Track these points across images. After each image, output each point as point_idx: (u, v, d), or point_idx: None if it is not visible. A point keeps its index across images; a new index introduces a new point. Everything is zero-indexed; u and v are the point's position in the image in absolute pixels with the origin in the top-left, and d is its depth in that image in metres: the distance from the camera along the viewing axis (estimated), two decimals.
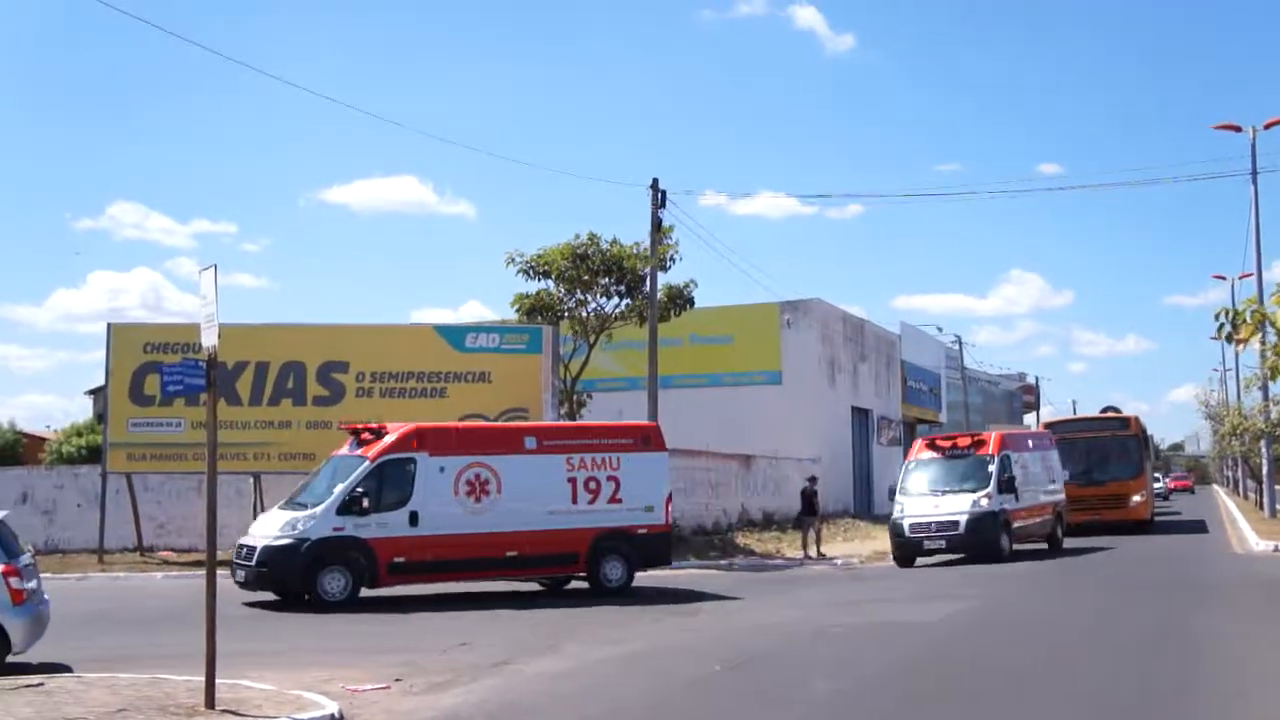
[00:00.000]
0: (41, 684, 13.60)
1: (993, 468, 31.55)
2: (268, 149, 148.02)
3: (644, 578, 25.23)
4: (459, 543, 23.76)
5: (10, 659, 14.80)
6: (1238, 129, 45.95)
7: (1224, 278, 59.16)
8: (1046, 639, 16.95)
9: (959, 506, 30.85)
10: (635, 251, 37.57)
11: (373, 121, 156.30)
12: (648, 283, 37.30)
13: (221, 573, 24.60)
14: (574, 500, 24.89)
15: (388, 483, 23.89)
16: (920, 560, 30.74)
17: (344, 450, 25.11)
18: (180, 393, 30.13)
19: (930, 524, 30.68)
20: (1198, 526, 46.31)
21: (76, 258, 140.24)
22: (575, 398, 39.78)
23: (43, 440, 59.37)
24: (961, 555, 30.59)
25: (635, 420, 35.04)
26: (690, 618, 20.56)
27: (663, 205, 36.60)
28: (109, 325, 34.34)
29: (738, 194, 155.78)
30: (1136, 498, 41.24)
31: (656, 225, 36.50)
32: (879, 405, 61.19)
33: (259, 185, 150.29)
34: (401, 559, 23.13)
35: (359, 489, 23.46)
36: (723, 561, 33.07)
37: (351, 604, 22.36)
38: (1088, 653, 15.36)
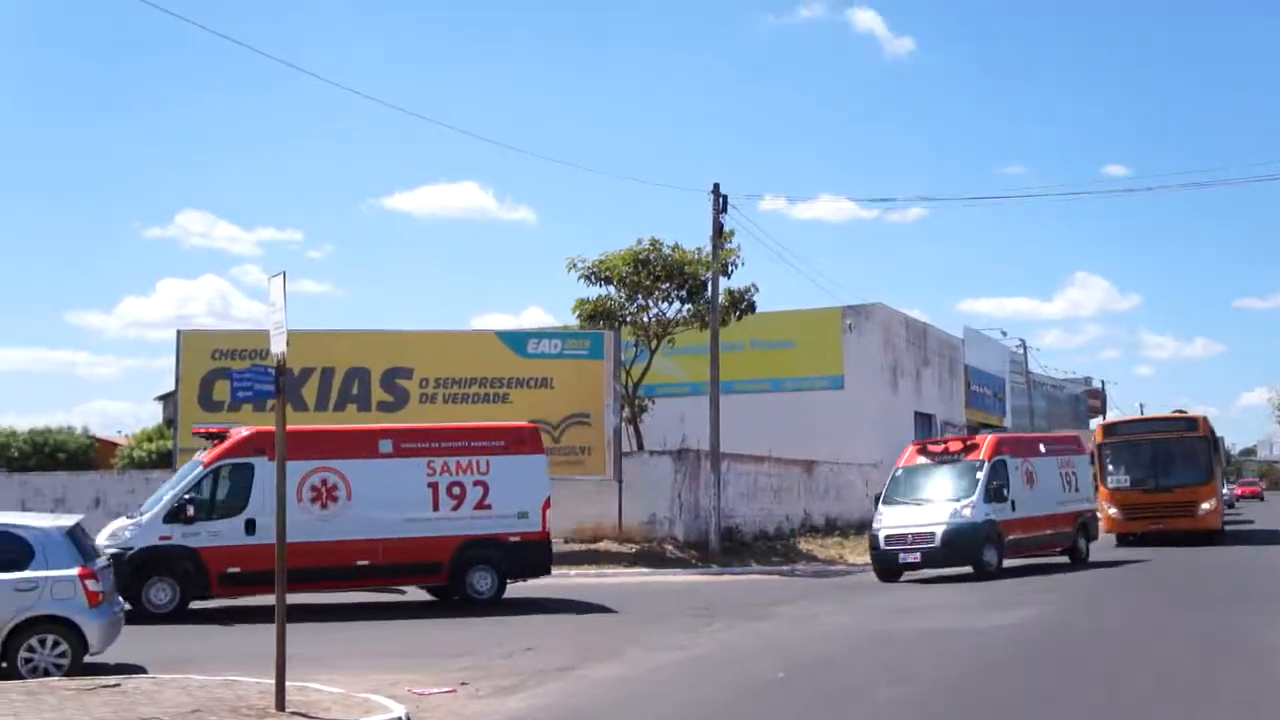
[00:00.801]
0: (118, 684, 13.80)
1: (980, 474, 28.63)
2: (331, 156, 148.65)
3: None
4: (302, 551, 20.96)
5: (87, 659, 15.06)
6: None
7: None
8: (1109, 647, 16.82)
9: (937, 516, 27.96)
10: (697, 256, 37.61)
11: (433, 128, 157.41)
12: (709, 288, 37.30)
13: None
14: (435, 507, 23.90)
15: (222, 489, 23.29)
16: (906, 575, 27.98)
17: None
18: (250, 399, 30.09)
19: (906, 535, 27.85)
20: (1274, 537, 40.90)
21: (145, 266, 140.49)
22: (636, 403, 39.83)
23: (114, 445, 60.03)
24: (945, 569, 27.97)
25: (698, 425, 35.13)
26: (758, 622, 20.43)
27: (724, 210, 36.57)
28: (179, 332, 34.70)
29: (798, 198, 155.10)
30: (1206, 505, 37.28)
31: (718, 230, 36.47)
32: (942, 410, 60.92)
33: (323, 192, 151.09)
34: (236, 569, 22.12)
35: (187, 495, 22.83)
36: (785, 567, 33.06)
37: (180, 616, 21.81)
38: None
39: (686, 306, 38.68)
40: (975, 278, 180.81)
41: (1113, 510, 37.74)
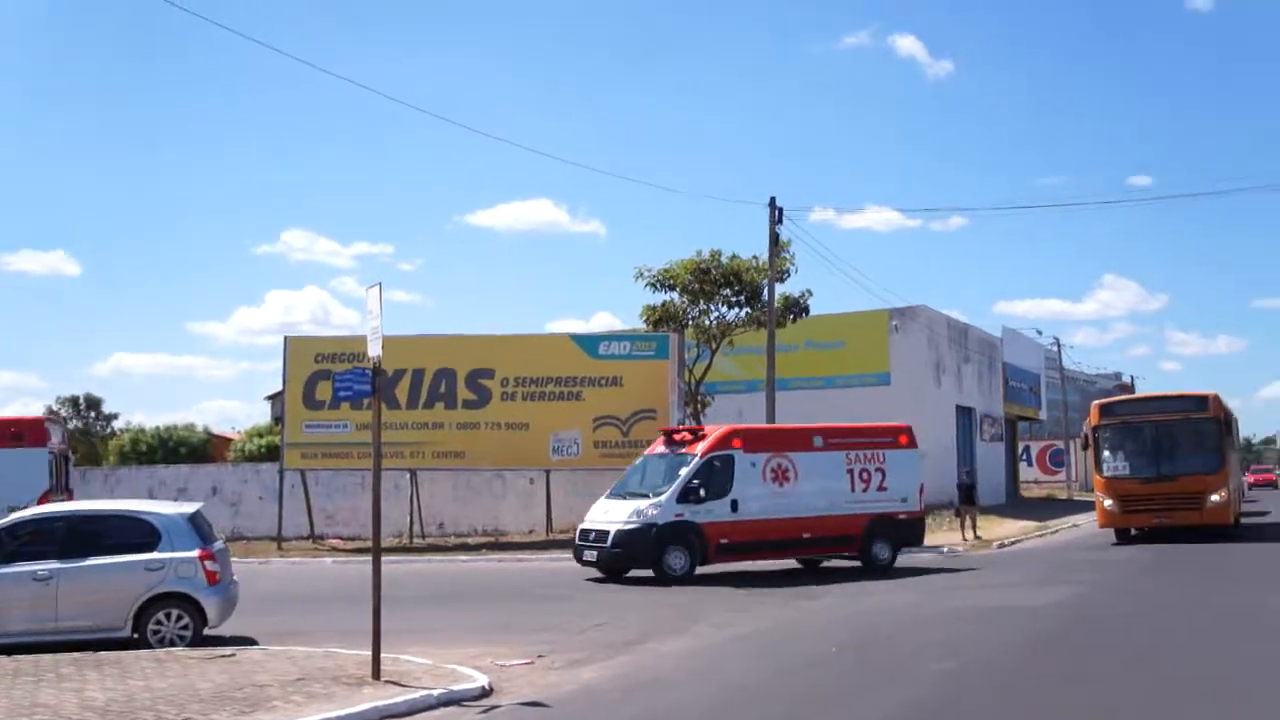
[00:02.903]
0: (233, 654, 14.06)
1: (685, 470, 24.47)
2: (419, 177, 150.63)
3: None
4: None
5: (206, 632, 15.41)
6: None
7: None
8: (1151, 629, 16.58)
9: (621, 515, 24.42)
10: (754, 264, 37.60)
11: (510, 148, 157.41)
12: (766, 293, 37.22)
13: (411, 557, 25.02)
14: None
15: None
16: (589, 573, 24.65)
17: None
18: (349, 398, 30.72)
19: (591, 532, 24.70)
20: None
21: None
22: (699, 399, 39.82)
23: (228, 440, 60.84)
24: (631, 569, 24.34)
25: (756, 419, 35.04)
26: (812, 600, 20.35)
27: (780, 221, 36.44)
28: (285, 338, 35.21)
29: (847, 208, 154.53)
30: (1216, 496, 30.06)
31: (774, 240, 36.35)
32: (982, 404, 60.34)
33: (412, 210, 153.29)
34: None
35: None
36: None
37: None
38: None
39: (745, 310, 38.64)
40: (1012, 281, 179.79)
41: (1108, 502, 31.29)
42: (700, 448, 25.03)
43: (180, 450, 55.61)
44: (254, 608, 17.98)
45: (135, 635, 15.17)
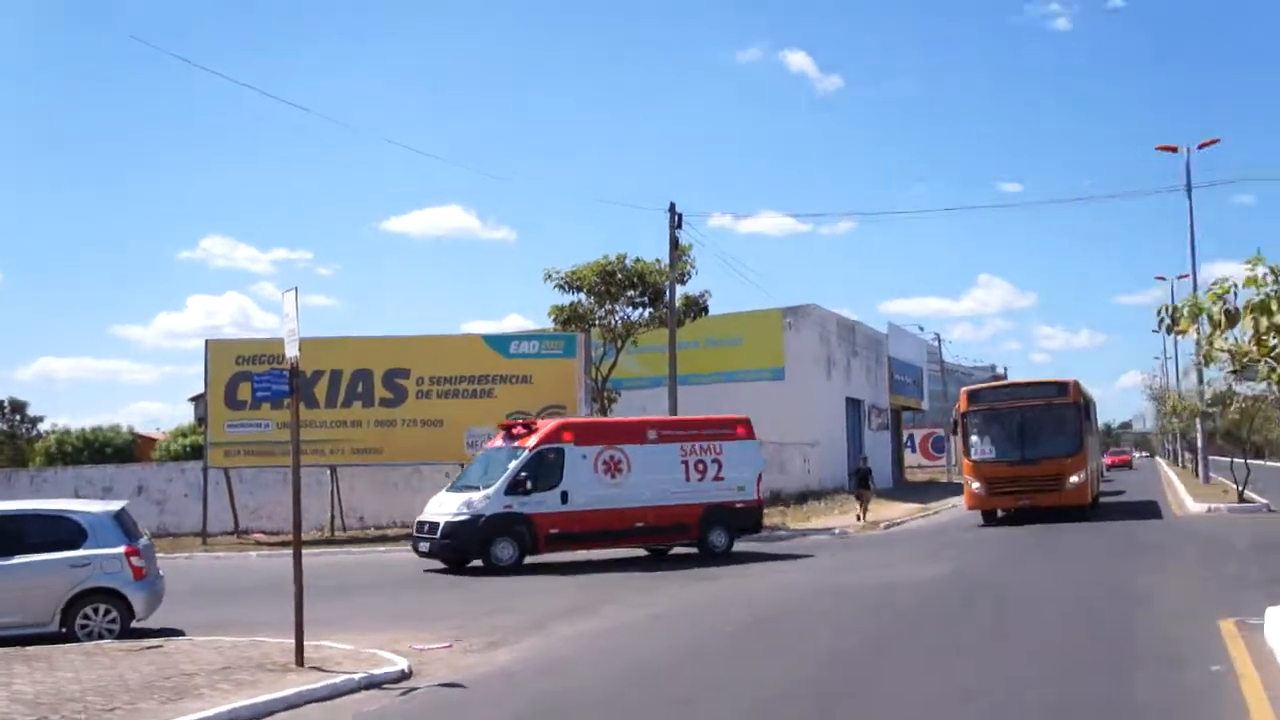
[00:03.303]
0: (160, 645, 13.94)
1: (514, 463, 24.18)
2: (336, 185, 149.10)
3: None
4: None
5: (134, 625, 15.27)
6: (1175, 150, 45.98)
7: (1164, 278, 59.33)
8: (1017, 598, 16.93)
9: (451, 507, 24.21)
10: (657, 267, 37.69)
11: (422, 158, 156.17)
12: (668, 294, 37.38)
13: (332, 549, 24.86)
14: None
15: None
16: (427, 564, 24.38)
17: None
18: (269, 398, 30.61)
19: (425, 524, 24.46)
20: (1142, 513, 34.09)
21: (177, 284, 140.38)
22: (605, 394, 39.89)
23: (153, 441, 59.98)
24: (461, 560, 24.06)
25: (659, 412, 35.19)
26: (710, 582, 20.46)
27: (680, 226, 36.67)
28: (206, 342, 34.77)
29: (743, 214, 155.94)
30: (1074, 478, 30.24)
31: (674, 244, 36.57)
32: (869, 395, 61.14)
33: (330, 217, 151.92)
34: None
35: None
36: None
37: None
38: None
39: (648, 310, 38.74)
40: (896, 281, 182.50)
41: (975, 485, 31.22)
42: (531, 441, 24.74)
43: (106, 451, 54.62)
44: (181, 601, 17.75)
45: (64, 630, 14.94)
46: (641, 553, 26.16)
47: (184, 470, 38.46)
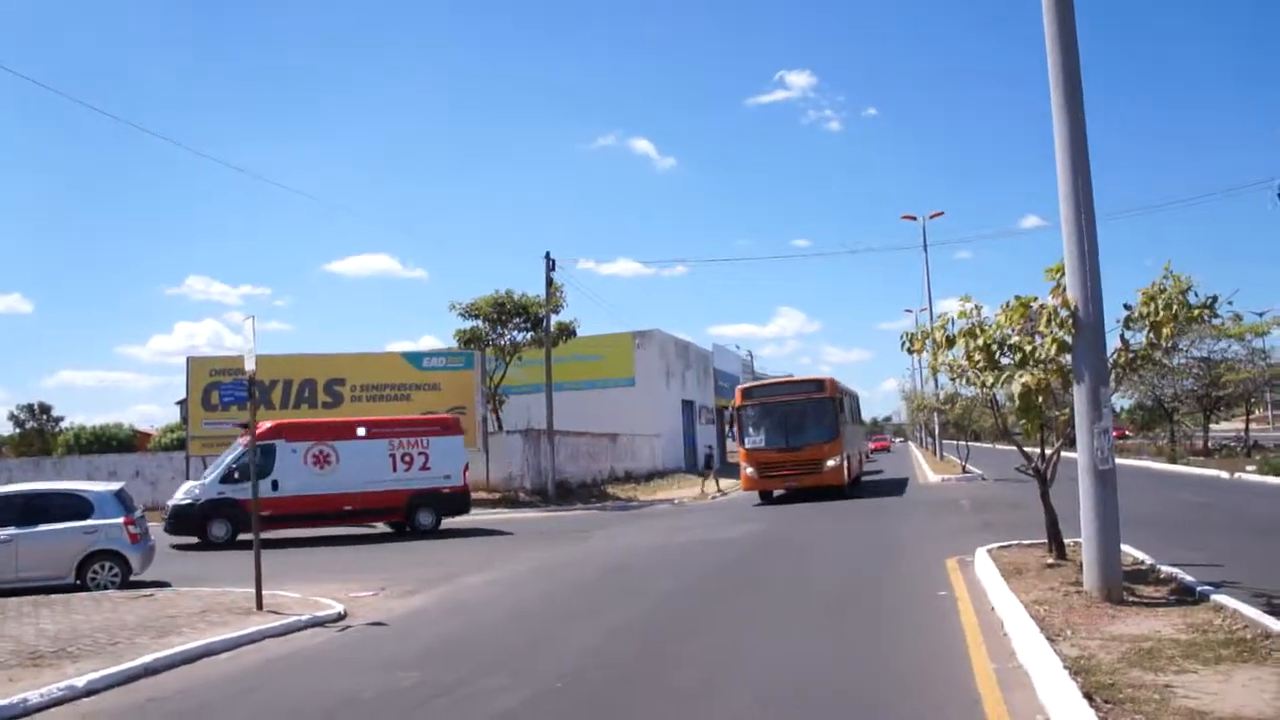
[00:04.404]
0: (152, 594, 13.79)
1: (229, 457, 23.74)
2: (289, 235, 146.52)
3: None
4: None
5: (132, 579, 15.27)
6: (914, 218, 48.08)
7: (911, 310, 61.57)
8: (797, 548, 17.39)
9: (180, 493, 23.74)
10: (537, 300, 37.84)
11: (356, 215, 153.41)
12: (545, 322, 37.54)
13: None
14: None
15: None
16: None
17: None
18: (233, 402, 30.10)
19: (167, 507, 23.91)
20: (896, 488, 32.24)
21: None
22: (497, 398, 39.92)
23: (149, 435, 59.92)
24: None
25: (539, 412, 35.28)
26: (579, 543, 20.43)
27: (554, 269, 36.88)
28: (188, 359, 34.12)
29: (603, 259, 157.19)
30: (831, 462, 27.88)
31: (549, 282, 36.79)
32: (699, 398, 61.87)
33: (284, 261, 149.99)
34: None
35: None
36: (597, 505, 33.39)
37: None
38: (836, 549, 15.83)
39: (530, 333, 38.87)
40: (717, 310, 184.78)
41: (749, 469, 28.60)
42: (247, 439, 23.32)
43: (112, 443, 53.95)
44: (168, 560, 17.51)
45: (78, 582, 14.94)
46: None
47: (172, 458, 37.66)
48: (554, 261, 36.92)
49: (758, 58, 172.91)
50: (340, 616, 11.83)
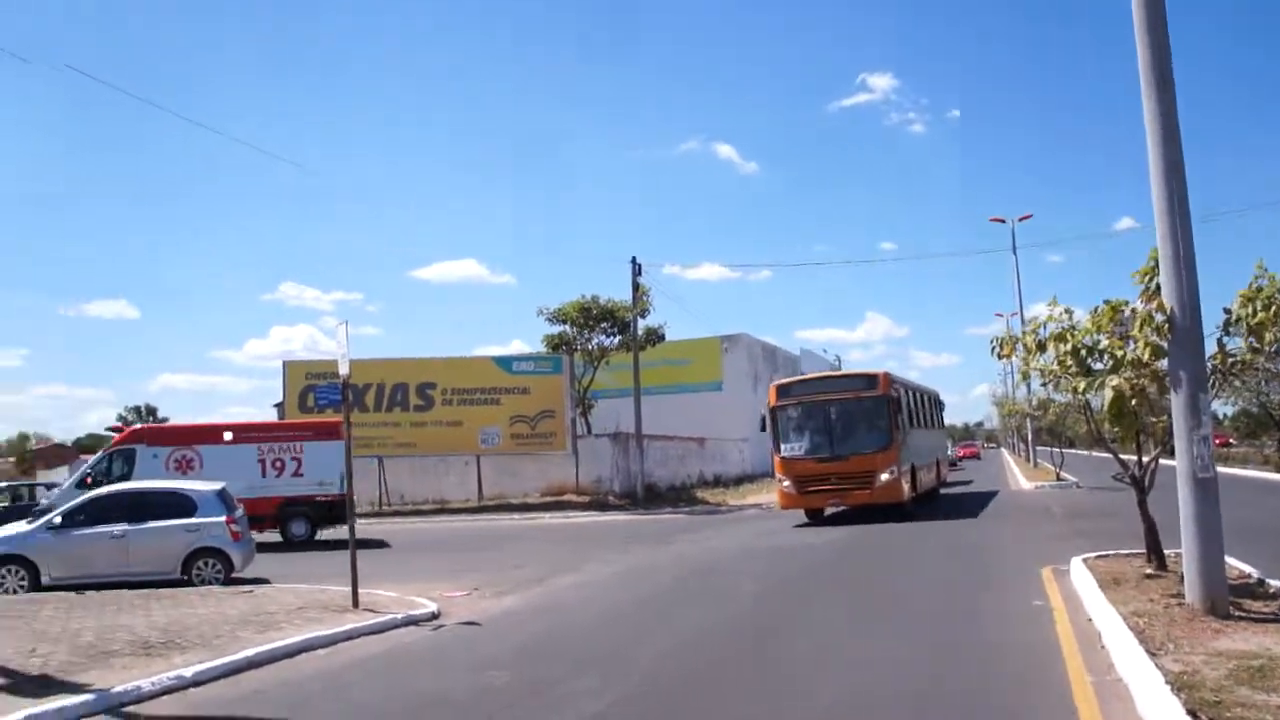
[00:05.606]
0: (252, 591, 14.11)
1: (88, 463, 24.21)
2: (379, 242, 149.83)
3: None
4: None
5: (234, 575, 15.71)
6: (1003, 220, 47.29)
7: (1001, 314, 60.65)
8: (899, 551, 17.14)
9: (45, 499, 24.16)
10: (624, 304, 38.00)
11: (447, 222, 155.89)
12: (632, 326, 37.64)
13: (380, 520, 24.58)
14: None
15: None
16: None
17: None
18: (327, 405, 30.45)
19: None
20: (976, 505, 26.57)
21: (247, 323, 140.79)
22: (586, 402, 40.14)
23: None
24: None
25: (627, 416, 35.37)
26: (667, 545, 20.40)
27: (640, 273, 36.95)
28: (284, 362, 35.07)
29: (688, 264, 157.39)
30: (885, 475, 22.52)
31: (636, 286, 36.87)
32: None
33: (375, 267, 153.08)
34: None
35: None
36: (686, 509, 33.34)
37: None
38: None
39: (617, 338, 39.05)
40: (804, 316, 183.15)
41: (785, 483, 23.51)
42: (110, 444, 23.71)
43: None
44: (267, 558, 17.92)
45: (184, 577, 15.42)
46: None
47: None
48: (640, 266, 37.04)
49: (839, 61, 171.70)
50: (434, 616, 11.96)
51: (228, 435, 24.16)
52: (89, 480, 22.54)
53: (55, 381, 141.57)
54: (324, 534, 24.30)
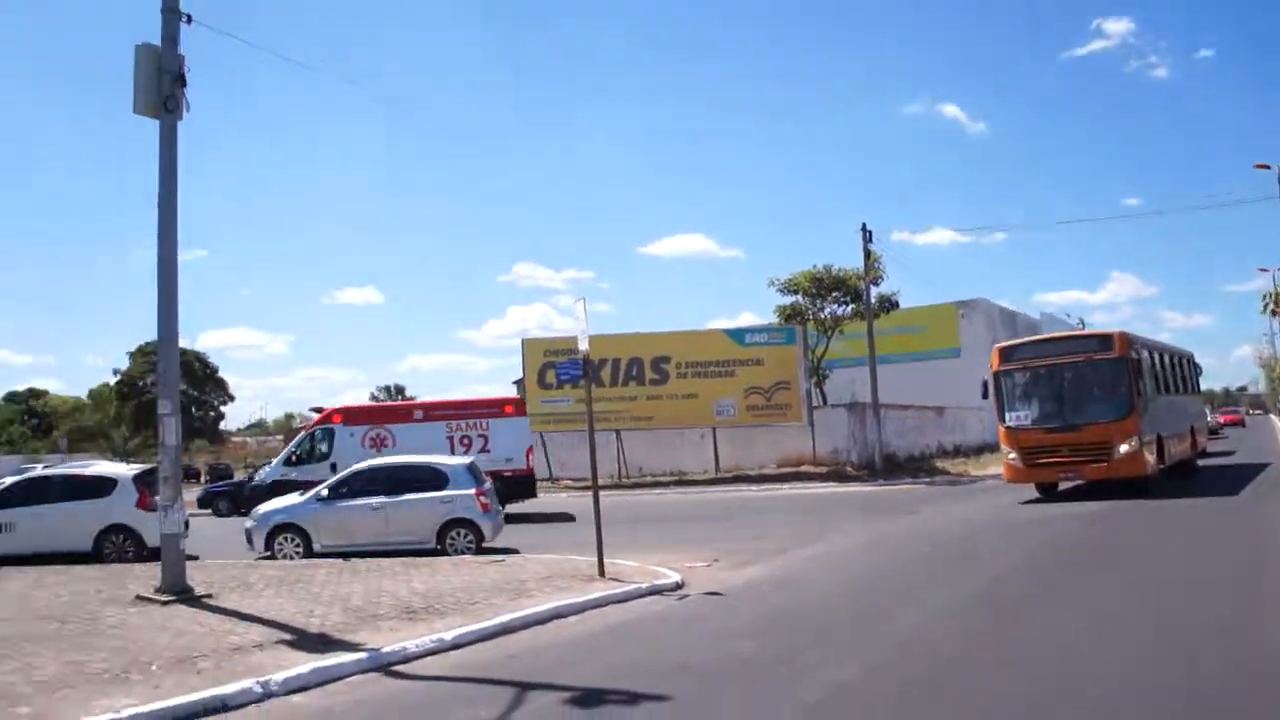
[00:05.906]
0: (503, 559, 14.65)
1: (292, 442, 25.33)
2: (609, 221, 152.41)
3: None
4: None
5: (484, 545, 16.36)
6: (1268, 167, 42.67)
7: (1267, 269, 54.78)
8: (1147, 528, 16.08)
9: (260, 475, 25.80)
10: (855, 273, 37.24)
11: (675, 198, 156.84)
12: (864, 294, 36.84)
13: (620, 492, 25.41)
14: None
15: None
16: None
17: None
18: (568, 381, 31.14)
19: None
20: (1244, 476, 23.65)
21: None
22: (820, 373, 39.63)
23: None
24: None
25: (862, 389, 34.70)
26: (908, 516, 19.99)
27: (870, 241, 36.08)
28: (522, 340, 36.45)
29: (918, 229, 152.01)
30: (1125, 446, 19.96)
31: (867, 255, 36.05)
32: None
33: (605, 245, 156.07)
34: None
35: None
36: (925, 479, 32.48)
37: None
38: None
39: (850, 307, 38.32)
40: (1044, 277, 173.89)
41: (1012, 455, 21.57)
42: (308, 425, 24.40)
43: None
44: (513, 528, 18.62)
45: (438, 546, 16.21)
46: None
47: None
48: (870, 233, 36.12)
49: (1070, 6, 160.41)
50: (678, 586, 12.06)
51: (418, 414, 25.50)
52: (294, 458, 24.46)
53: (315, 365, 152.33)
54: (510, 508, 24.63)
